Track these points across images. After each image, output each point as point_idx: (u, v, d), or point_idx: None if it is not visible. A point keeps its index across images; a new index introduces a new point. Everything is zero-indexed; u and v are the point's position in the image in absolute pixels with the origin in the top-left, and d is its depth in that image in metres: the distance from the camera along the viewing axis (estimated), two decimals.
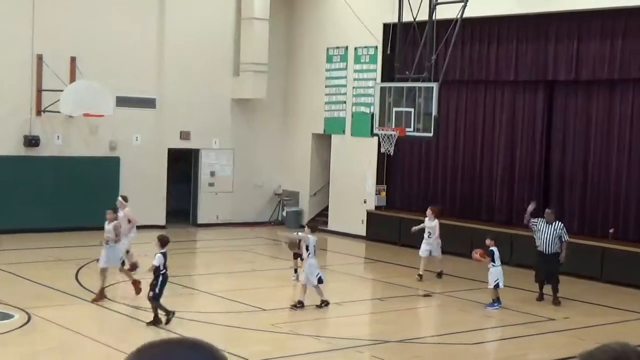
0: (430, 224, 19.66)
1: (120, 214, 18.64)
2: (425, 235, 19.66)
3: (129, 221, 19.00)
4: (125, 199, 19.04)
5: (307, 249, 16.52)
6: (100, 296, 16.27)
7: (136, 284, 16.58)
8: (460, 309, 17.06)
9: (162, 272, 14.72)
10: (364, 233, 25.98)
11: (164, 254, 14.86)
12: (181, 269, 20.41)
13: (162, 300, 14.81)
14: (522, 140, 23.11)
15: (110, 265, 16.54)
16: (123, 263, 16.78)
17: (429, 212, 19.85)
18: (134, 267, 19.20)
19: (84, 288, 16.68)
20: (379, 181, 26.09)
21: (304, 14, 28.34)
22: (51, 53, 24.39)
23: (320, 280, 16.34)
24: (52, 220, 23.98)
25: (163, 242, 15.00)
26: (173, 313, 14.73)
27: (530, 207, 18.10)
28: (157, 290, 14.63)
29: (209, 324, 15.17)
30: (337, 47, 26.94)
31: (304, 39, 28.33)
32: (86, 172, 24.88)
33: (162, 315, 14.67)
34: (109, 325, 15.20)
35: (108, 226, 16.70)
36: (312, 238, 16.56)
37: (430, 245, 19.55)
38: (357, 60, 26.33)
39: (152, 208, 26.22)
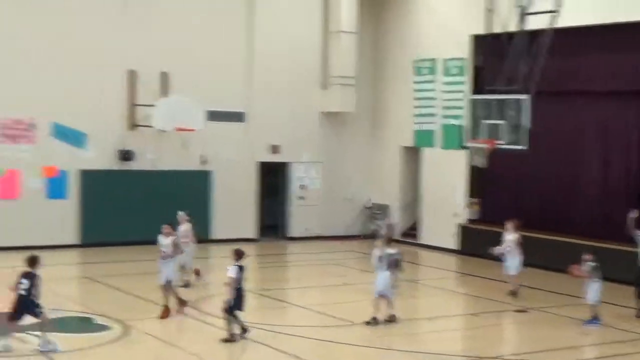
0: (511, 237, 19.36)
1: (181, 228, 18.87)
2: (506, 250, 19.35)
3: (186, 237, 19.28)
4: (186, 215, 19.21)
5: (379, 260, 16.39)
6: (181, 305, 16.47)
7: (166, 311, 16.27)
8: (555, 326, 16.71)
9: (237, 287, 14.60)
10: (455, 246, 25.74)
11: (240, 267, 14.72)
12: (273, 283, 20.62)
13: (242, 315, 14.73)
14: (617, 151, 22.58)
15: (167, 280, 16.45)
16: (170, 283, 16.72)
17: (509, 225, 19.50)
18: (197, 272, 19.42)
19: (180, 300, 16.84)
20: (472, 194, 25.81)
21: (391, 27, 28.30)
22: (143, 68, 24.91)
23: (381, 295, 16.23)
24: (145, 233, 24.24)
25: (238, 254, 14.81)
26: (246, 330, 14.62)
27: (632, 215, 17.64)
28: (232, 304, 14.55)
29: (301, 337, 15.16)
30: (425, 59, 26.79)
31: (391, 51, 28.29)
32: (178, 185, 25.24)
33: (228, 332, 14.49)
34: (204, 338, 15.28)
35: (165, 240, 16.58)
36: (390, 251, 16.47)
37: (511, 261, 19.23)
38: (446, 72, 26.13)
39: (243, 221, 26.53)
